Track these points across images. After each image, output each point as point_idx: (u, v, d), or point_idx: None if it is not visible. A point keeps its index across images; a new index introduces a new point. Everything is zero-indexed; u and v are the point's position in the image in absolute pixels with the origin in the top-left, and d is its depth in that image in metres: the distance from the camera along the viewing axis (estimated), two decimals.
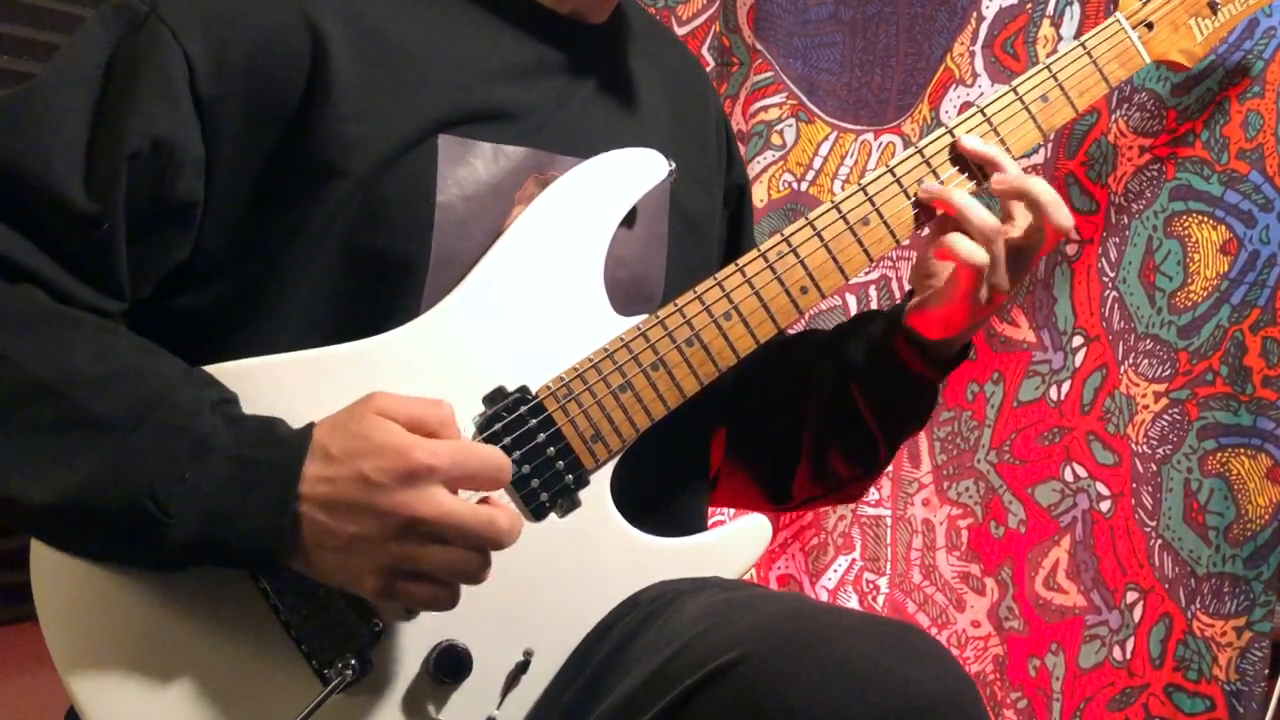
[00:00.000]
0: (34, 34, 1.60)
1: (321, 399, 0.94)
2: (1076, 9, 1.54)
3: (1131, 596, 1.52)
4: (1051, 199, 1.08)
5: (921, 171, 1.11)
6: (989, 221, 1.07)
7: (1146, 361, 1.51)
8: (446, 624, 0.95)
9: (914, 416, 1.23)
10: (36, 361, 0.90)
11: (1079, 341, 1.55)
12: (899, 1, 1.71)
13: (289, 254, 1.01)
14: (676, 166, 1.10)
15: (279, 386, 0.97)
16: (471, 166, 1.04)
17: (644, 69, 1.19)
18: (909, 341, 1.14)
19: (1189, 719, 1.45)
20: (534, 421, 1.01)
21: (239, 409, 0.94)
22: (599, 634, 1.02)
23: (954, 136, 1.12)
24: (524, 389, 1.01)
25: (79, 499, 0.88)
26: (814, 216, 1.09)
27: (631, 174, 1.08)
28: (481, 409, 1.00)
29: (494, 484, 0.92)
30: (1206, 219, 1.46)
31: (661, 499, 1.13)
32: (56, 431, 0.89)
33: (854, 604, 1.73)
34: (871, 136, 1.73)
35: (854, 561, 1.74)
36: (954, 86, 1.64)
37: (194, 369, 0.95)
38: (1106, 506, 1.55)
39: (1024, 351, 1.59)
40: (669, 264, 1.15)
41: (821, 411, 1.20)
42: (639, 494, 1.06)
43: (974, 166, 1.12)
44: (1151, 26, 1.15)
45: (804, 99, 1.77)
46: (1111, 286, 1.53)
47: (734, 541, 1.09)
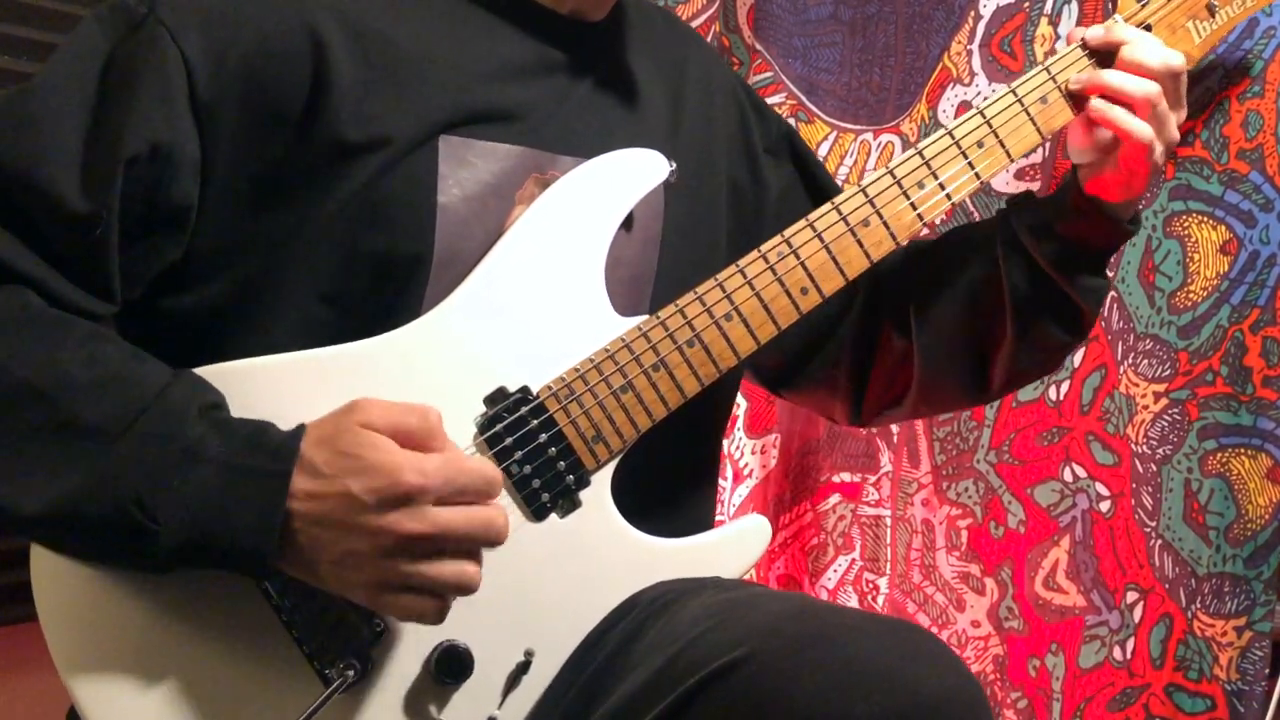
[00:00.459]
0: (34, 34, 1.60)
1: (321, 400, 0.94)
2: (1074, 8, 1.54)
3: (1131, 596, 1.52)
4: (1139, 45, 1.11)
5: (922, 174, 1.11)
6: (1144, 89, 1.09)
7: (1146, 361, 1.51)
8: (447, 624, 0.95)
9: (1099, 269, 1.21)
10: (24, 365, 0.90)
11: None
12: (898, 1, 1.71)
13: (288, 255, 1.00)
14: (677, 166, 1.10)
15: (279, 387, 0.97)
16: (472, 166, 1.04)
17: (645, 65, 1.18)
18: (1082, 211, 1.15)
19: (1189, 719, 1.45)
20: (535, 422, 1.01)
21: (227, 413, 0.94)
22: (600, 634, 1.02)
23: (953, 138, 1.12)
24: (525, 389, 1.01)
25: (68, 507, 0.88)
26: (814, 218, 1.09)
27: (632, 175, 1.08)
28: (483, 409, 1.00)
29: (485, 497, 0.92)
30: (1206, 219, 1.46)
31: (667, 499, 1.13)
32: (44, 438, 0.89)
33: (854, 604, 1.73)
34: (870, 136, 1.74)
35: (854, 561, 1.75)
36: (951, 85, 1.64)
37: (182, 372, 0.94)
38: (1106, 507, 1.55)
39: None
40: (663, 264, 1.15)
41: (1012, 295, 1.19)
42: (644, 494, 1.06)
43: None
44: (1150, 28, 1.15)
45: (803, 99, 1.77)
46: (1110, 286, 1.53)
47: (734, 541, 1.09)
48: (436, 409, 0.92)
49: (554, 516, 1.02)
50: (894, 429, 1.73)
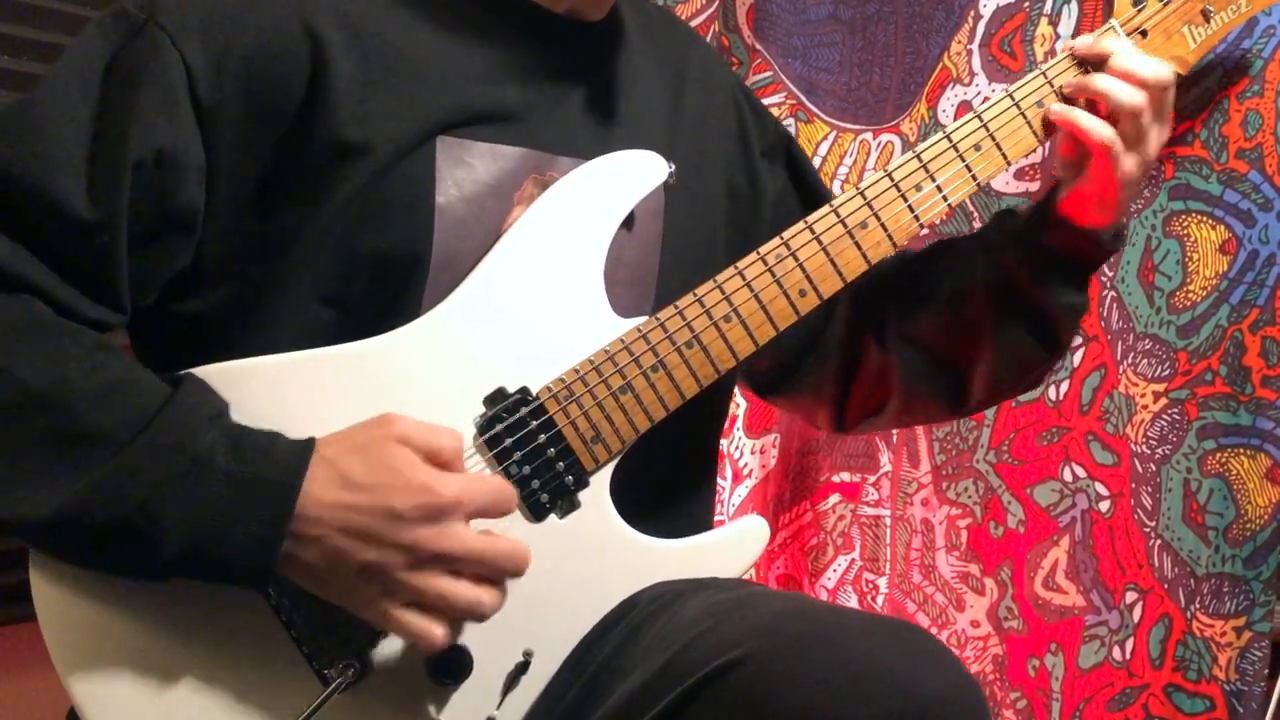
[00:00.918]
0: (34, 34, 1.60)
1: (322, 400, 0.95)
2: (1074, 8, 1.54)
3: (1131, 597, 1.52)
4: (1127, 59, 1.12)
5: (919, 177, 1.12)
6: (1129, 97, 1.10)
7: (1145, 361, 1.51)
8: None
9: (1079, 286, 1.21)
10: (31, 372, 0.90)
11: (1077, 341, 1.55)
12: (898, 1, 1.71)
13: (289, 256, 1.00)
14: (676, 168, 1.10)
15: (280, 387, 0.97)
16: (470, 167, 1.04)
17: (643, 65, 1.19)
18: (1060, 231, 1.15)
19: (1189, 719, 1.45)
20: (535, 423, 1.01)
21: (232, 420, 0.94)
22: (599, 634, 1.02)
23: (951, 142, 1.13)
24: (525, 390, 1.01)
25: (72, 515, 0.88)
26: (812, 220, 1.09)
27: (631, 176, 1.08)
28: (482, 410, 1.00)
29: (501, 514, 0.95)
30: (1205, 218, 1.46)
31: (666, 500, 1.13)
32: (50, 444, 0.89)
33: (853, 604, 1.73)
34: (870, 136, 1.74)
35: (853, 561, 1.75)
36: (951, 85, 1.64)
37: (187, 376, 0.95)
38: (1106, 507, 1.55)
39: None
40: (663, 265, 1.15)
41: (994, 304, 1.20)
42: (643, 494, 1.06)
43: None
44: (1145, 34, 1.16)
45: (803, 99, 1.77)
46: (1110, 286, 1.53)
47: (733, 542, 1.10)
48: (459, 431, 0.95)
49: (553, 517, 1.02)
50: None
